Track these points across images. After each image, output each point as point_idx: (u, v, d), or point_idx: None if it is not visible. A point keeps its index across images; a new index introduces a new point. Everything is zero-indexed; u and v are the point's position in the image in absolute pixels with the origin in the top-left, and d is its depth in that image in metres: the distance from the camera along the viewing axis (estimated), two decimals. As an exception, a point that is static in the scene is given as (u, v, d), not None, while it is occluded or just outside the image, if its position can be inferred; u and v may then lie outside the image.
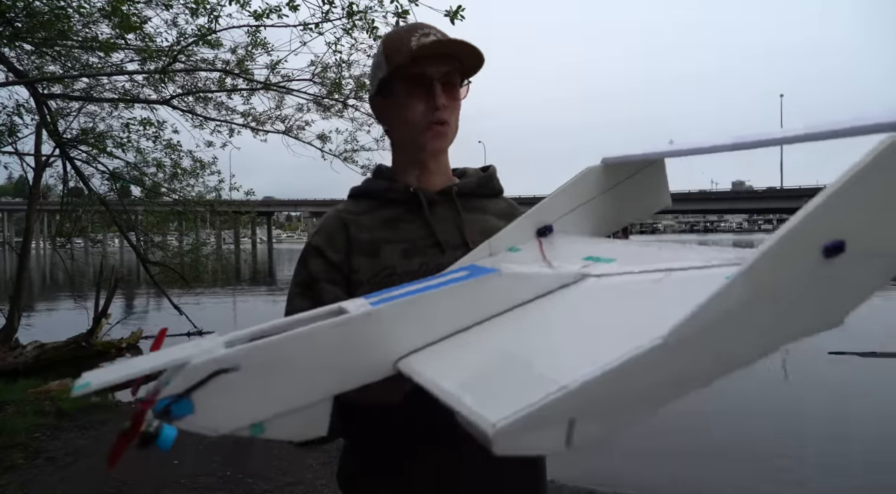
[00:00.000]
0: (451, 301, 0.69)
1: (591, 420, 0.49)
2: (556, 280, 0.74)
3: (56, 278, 22.71)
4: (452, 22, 4.93)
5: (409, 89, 1.07)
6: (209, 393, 0.59)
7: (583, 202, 0.98)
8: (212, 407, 0.59)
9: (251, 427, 0.62)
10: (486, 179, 1.19)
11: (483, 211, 1.15)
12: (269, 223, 76.17)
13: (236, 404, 0.61)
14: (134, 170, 8.88)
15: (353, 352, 0.65)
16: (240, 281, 19.63)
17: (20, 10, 6.11)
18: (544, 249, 0.92)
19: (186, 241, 10.36)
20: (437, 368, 0.63)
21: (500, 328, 0.68)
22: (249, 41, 6.94)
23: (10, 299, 8.22)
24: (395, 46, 1.07)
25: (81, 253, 12.88)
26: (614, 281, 0.70)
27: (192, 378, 0.58)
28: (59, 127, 7.87)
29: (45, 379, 6.64)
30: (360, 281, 1.04)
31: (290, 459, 4.33)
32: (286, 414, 0.64)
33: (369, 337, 0.66)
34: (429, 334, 0.68)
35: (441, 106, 1.06)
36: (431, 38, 1.05)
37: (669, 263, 0.67)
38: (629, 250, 0.81)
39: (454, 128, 1.12)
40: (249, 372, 0.60)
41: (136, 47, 6.83)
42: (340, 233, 1.08)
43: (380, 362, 0.66)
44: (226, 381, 0.59)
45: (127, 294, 15.64)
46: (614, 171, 0.98)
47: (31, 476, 4.06)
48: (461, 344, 0.67)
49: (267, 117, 8.06)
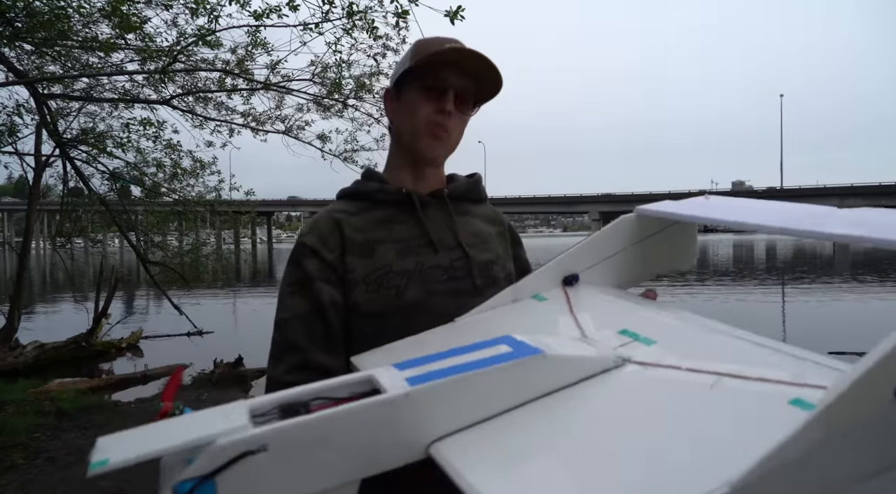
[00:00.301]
0: (492, 383, 0.65)
1: None
2: (598, 364, 0.70)
3: (56, 278, 22.70)
4: (452, 22, 4.93)
5: (424, 90, 1.09)
6: (235, 474, 0.55)
7: (611, 254, 0.99)
8: (235, 490, 0.55)
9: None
10: (473, 185, 1.22)
11: (471, 214, 1.18)
12: (269, 223, 76.18)
13: (261, 485, 0.57)
14: (134, 170, 8.88)
15: (387, 435, 0.61)
16: (240, 281, 19.62)
17: (20, 10, 6.11)
18: (572, 303, 0.91)
19: (186, 241, 10.36)
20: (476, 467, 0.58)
21: (542, 418, 0.64)
22: (249, 41, 6.95)
23: (10, 299, 8.22)
24: (426, 45, 1.10)
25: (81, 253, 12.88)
26: (660, 375, 0.67)
27: (219, 459, 0.54)
28: (59, 127, 7.87)
29: (45, 379, 6.65)
30: (356, 281, 1.03)
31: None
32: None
33: (405, 420, 0.62)
34: (466, 417, 0.64)
35: (448, 111, 1.08)
36: (461, 47, 1.08)
37: (717, 361, 0.64)
38: (668, 326, 0.78)
39: (455, 140, 1.13)
40: (278, 452, 0.57)
41: (136, 47, 6.82)
42: (334, 233, 1.07)
43: (413, 445, 0.62)
44: (253, 463, 0.55)
45: (127, 294, 15.64)
46: (646, 224, 0.98)
47: (31, 476, 4.06)
48: (501, 432, 0.63)
49: (267, 117, 8.06)
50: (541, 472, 0.56)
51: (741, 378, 0.59)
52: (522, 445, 0.61)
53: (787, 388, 0.54)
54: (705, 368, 0.62)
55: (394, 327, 0.96)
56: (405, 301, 1.03)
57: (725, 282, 18.98)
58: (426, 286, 1.04)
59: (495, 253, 1.16)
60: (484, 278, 1.10)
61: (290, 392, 0.64)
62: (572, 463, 0.56)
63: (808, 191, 57.88)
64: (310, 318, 1.01)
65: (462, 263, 1.09)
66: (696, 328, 0.76)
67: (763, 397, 0.51)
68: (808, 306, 12.83)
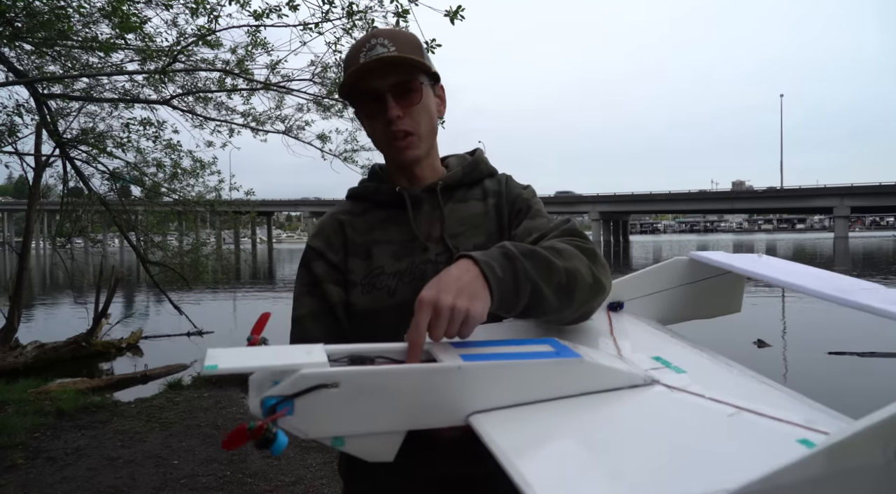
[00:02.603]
0: (532, 375, 0.74)
1: None
2: (629, 378, 0.77)
3: (56, 278, 22.69)
4: (452, 22, 4.93)
5: (365, 107, 1.08)
6: (310, 401, 0.66)
7: (659, 290, 1.03)
8: (308, 414, 0.66)
9: (334, 438, 0.70)
10: (472, 167, 1.18)
11: (468, 198, 1.15)
12: (269, 223, 76.17)
13: (328, 416, 0.68)
14: (134, 170, 8.88)
15: (436, 397, 0.71)
16: (240, 281, 19.62)
17: (20, 10, 6.11)
18: (613, 327, 0.96)
19: (186, 241, 10.36)
20: (509, 437, 0.66)
21: (572, 412, 0.72)
22: (249, 41, 6.95)
23: (10, 299, 8.22)
24: (347, 65, 1.06)
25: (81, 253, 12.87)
26: (684, 398, 0.73)
27: (301, 385, 0.65)
28: (59, 127, 7.87)
29: (45, 379, 6.65)
30: (355, 282, 1.07)
31: (290, 459, 4.33)
32: (365, 436, 0.71)
33: (454, 389, 0.71)
34: (505, 398, 0.73)
35: (396, 117, 1.04)
36: (377, 51, 1.02)
37: (739, 398, 0.69)
38: (699, 362, 0.84)
39: (425, 130, 1.09)
40: (347, 391, 0.67)
41: (135, 47, 6.82)
42: (338, 235, 1.11)
43: (455, 411, 0.72)
44: (325, 394, 0.66)
45: (127, 294, 15.64)
46: (697, 268, 1.03)
47: (31, 476, 4.06)
48: (534, 416, 0.71)
49: (267, 117, 8.06)
50: (564, 450, 0.65)
51: (758, 414, 0.65)
52: (551, 427, 0.69)
53: (798, 429, 0.60)
54: (727, 400, 0.69)
55: (385, 327, 0.97)
56: (395, 301, 1.05)
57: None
58: (417, 284, 1.05)
59: (486, 234, 1.11)
60: None
61: (358, 346, 0.75)
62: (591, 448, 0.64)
63: (808, 191, 57.88)
64: (322, 316, 1.06)
65: (444, 257, 1.08)
66: (723, 367, 0.83)
67: (774, 432, 0.58)
68: (808, 305, 12.82)
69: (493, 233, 1.12)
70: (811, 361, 7.32)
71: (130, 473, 4.02)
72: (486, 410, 0.71)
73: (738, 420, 0.65)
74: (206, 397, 6.09)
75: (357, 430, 0.70)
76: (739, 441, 0.61)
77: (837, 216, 54.71)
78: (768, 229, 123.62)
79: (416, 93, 1.06)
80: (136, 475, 3.99)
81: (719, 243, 55.10)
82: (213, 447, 4.60)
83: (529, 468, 0.59)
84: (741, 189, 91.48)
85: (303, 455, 4.38)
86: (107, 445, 4.62)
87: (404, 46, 1.04)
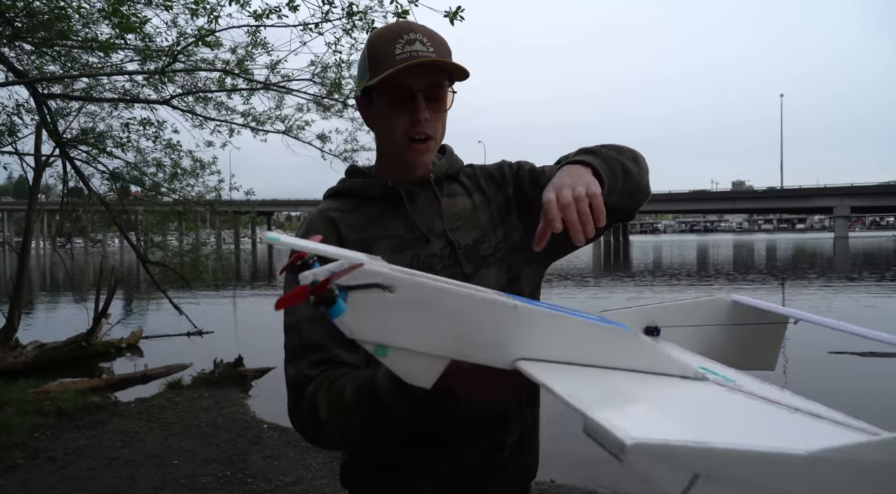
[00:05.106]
0: (584, 334, 0.73)
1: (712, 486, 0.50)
2: (679, 367, 0.75)
3: (56, 278, 22.70)
4: (452, 23, 4.92)
5: (392, 101, 1.05)
6: (364, 298, 0.65)
7: (695, 323, 1.01)
8: (359, 311, 0.65)
9: (378, 346, 0.68)
10: (449, 161, 1.19)
11: (457, 192, 1.16)
12: (269, 223, 76.19)
13: (378, 320, 0.66)
14: (134, 170, 8.88)
15: (488, 331, 0.69)
16: (240, 280, 19.63)
17: (20, 10, 6.11)
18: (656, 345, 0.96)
19: (186, 241, 10.36)
20: (563, 381, 0.65)
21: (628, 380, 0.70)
22: (249, 41, 6.95)
23: (10, 299, 8.22)
24: (378, 54, 1.04)
25: (81, 253, 12.87)
26: (738, 394, 0.71)
27: (361, 279, 0.64)
28: (59, 127, 7.87)
29: (45, 379, 6.65)
30: None
31: (290, 459, 4.33)
32: (409, 353, 0.69)
33: (506, 327, 0.70)
34: (554, 352, 0.71)
35: (423, 120, 1.03)
36: (416, 47, 1.02)
37: (793, 401, 0.68)
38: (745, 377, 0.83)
39: (439, 139, 1.10)
40: (402, 299, 0.66)
41: (135, 47, 6.82)
42: (331, 232, 1.08)
43: (503, 351, 0.70)
44: (381, 296, 0.65)
45: (127, 294, 15.64)
46: (737, 312, 1.01)
47: (31, 476, 4.06)
48: (582, 371, 0.70)
49: (267, 117, 8.06)
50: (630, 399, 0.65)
51: (816, 416, 0.65)
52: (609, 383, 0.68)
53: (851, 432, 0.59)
54: (785, 403, 0.68)
55: None
56: None
57: (725, 281, 18.98)
58: None
59: (481, 228, 1.13)
60: (472, 262, 1.09)
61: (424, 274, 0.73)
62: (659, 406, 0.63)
63: (808, 191, 57.90)
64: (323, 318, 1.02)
65: (448, 251, 1.09)
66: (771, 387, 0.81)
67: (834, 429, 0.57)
68: (808, 306, 12.84)
69: (486, 226, 1.14)
70: (811, 360, 7.32)
71: (130, 473, 4.03)
72: (534, 359, 0.70)
73: (796, 415, 0.64)
74: (206, 397, 6.09)
75: (403, 343, 0.68)
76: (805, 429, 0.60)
77: (837, 216, 54.74)
78: (768, 229, 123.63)
79: (444, 101, 1.07)
80: (136, 475, 4.00)
81: (720, 243, 55.09)
82: (213, 447, 4.60)
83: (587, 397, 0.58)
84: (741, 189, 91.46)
85: (303, 455, 4.38)
86: (107, 445, 4.62)
87: (442, 50, 1.04)
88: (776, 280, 19.24)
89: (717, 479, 0.49)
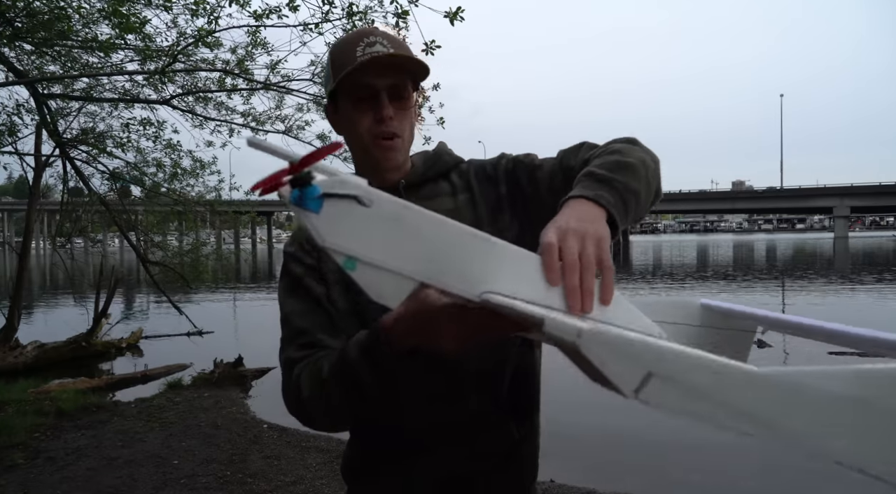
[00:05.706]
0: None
1: (666, 386, 0.52)
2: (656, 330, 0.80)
3: (56, 278, 22.69)
4: (452, 23, 4.92)
5: (356, 103, 1.04)
6: (338, 207, 0.66)
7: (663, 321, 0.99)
8: (332, 218, 0.66)
9: (347, 258, 0.68)
10: (433, 160, 1.16)
11: (438, 194, 1.13)
12: (269, 223, 76.16)
13: (351, 230, 0.67)
14: (134, 170, 8.88)
15: (461, 259, 0.70)
16: (240, 280, 19.62)
17: (20, 10, 6.11)
18: None
19: (186, 241, 10.36)
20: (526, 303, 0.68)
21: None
22: (249, 41, 6.94)
23: (10, 299, 8.22)
24: (341, 58, 1.03)
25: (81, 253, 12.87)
26: None
27: (338, 187, 0.65)
28: (59, 127, 7.87)
29: (45, 379, 6.65)
30: (334, 281, 1.06)
31: (290, 459, 4.34)
32: (378, 269, 0.69)
33: (480, 259, 0.71)
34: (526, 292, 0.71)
35: (388, 117, 1.03)
36: (377, 48, 1.01)
37: None
38: None
39: (407, 138, 1.09)
40: (379, 214, 0.67)
41: (135, 47, 6.82)
42: (309, 240, 1.09)
43: (472, 281, 0.71)
44: (355, 208, 0.66)
45: (127, 294, 15.64)
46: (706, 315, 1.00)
47: (31, 476, 4.06)
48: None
49: (267, 117, 8.06)
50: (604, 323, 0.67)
51: None
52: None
53: None
54: None
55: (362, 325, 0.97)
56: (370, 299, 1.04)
57: (726, 281, 18.98)
58: None
59: None
60: None
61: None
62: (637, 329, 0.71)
63: (808, 191, 57.91)
64: (309, 310, 1.06)
65: None
66: None
67: None
68: (808, 305, 12.84)
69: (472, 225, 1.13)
70: (811, 361, 7.32)
71: (130, 473, 4.03)
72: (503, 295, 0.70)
73: None
74: (206, 397, 6.10)
75: (373, 258, 0.68)
76: None
77: (837, 216, 54.76)
78: (768, 229, 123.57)
79: (408, 99, 1.07)
80: (136, 475, 4.00)
81: (720, 243, 55.09)
82: (213, 447, 4.60)
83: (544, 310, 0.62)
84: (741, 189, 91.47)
85: (303, 455, 4.39)
86: (107, 445, 4.62)
87: (401, 50, 1.04)
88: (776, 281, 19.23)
89: (671, 378, 0.51)
